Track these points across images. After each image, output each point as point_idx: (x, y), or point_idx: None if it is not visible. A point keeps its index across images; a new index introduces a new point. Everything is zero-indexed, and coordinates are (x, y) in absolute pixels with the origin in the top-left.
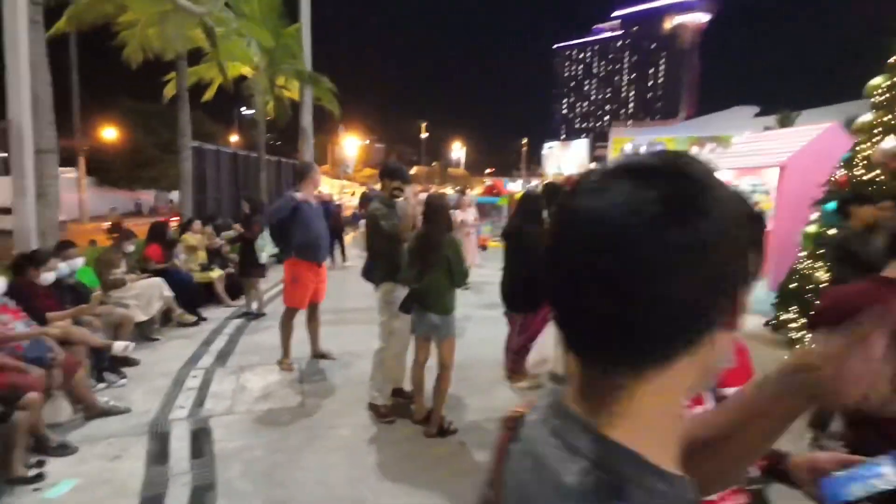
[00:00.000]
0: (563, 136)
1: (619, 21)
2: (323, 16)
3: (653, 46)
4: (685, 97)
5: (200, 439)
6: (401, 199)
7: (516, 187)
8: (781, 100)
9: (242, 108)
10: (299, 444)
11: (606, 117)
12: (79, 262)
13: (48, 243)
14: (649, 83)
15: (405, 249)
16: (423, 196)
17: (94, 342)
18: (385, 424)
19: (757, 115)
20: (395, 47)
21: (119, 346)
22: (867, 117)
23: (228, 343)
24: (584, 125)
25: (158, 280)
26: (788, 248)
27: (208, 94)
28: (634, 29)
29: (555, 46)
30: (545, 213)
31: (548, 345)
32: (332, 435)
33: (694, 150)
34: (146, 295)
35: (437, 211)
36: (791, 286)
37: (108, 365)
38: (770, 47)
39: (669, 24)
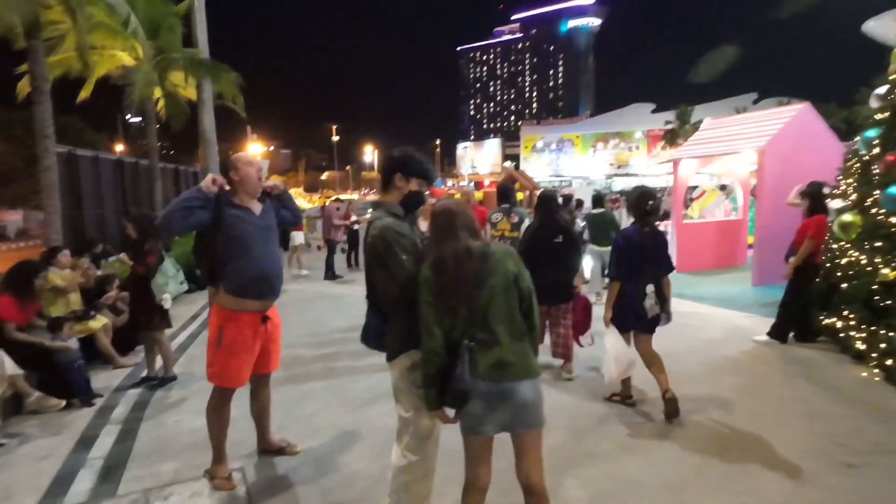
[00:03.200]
0: (473, 137)
1: (519, 24)
2: (216, 10)
3: (551, 48)
4: (584, 97)
5: None
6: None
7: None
8: (673, 96)
9: (129, 116)
10: None
11: (512, 117)
12: None
13: None
14: (550, 84)
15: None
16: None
17: None
18: None
19: (653, 111)
20: (297, 49)
21: None
22: None
23: (121, 439)
24: (491, 125)
25: None
26: (773, 239)
27: (84, 93)
28: (533, 32)
29: (459, 49)
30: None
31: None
32: None
33: (599, 146)
34: None
35: (452, 219)
36: (842, 285)
37: None
38: (659, 49)
39: (564, 27)
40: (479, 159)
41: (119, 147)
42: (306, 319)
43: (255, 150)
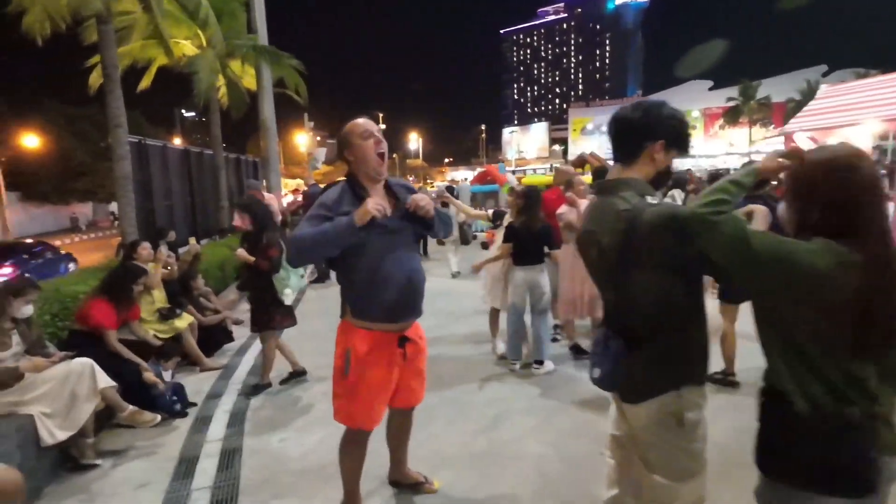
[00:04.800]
0: (516, 122)
1: (563, 3)
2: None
3: (597, 27)
4: (632, 77)
5: None
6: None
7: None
8: (732, 73)
9: (183, 110)
10: None
11: (557, 100)
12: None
13: None
14: (596, 64)
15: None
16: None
17: None
18: None
19: (711, 88)
20: (337, 38)
21: None
22: None
23: (224, 464)
24: (535, 109)
25: (82, 363)
26: None
27: (145, 82)
28: (578, 11)
29: (501, 31)
30: None
31: None
32: None
33: None
34: (63, 394)
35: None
36: None
37: None
38: (713, 24)
39: (611, 4)
40: (526, 144)
41: (176, 140)
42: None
43: (302, 139)
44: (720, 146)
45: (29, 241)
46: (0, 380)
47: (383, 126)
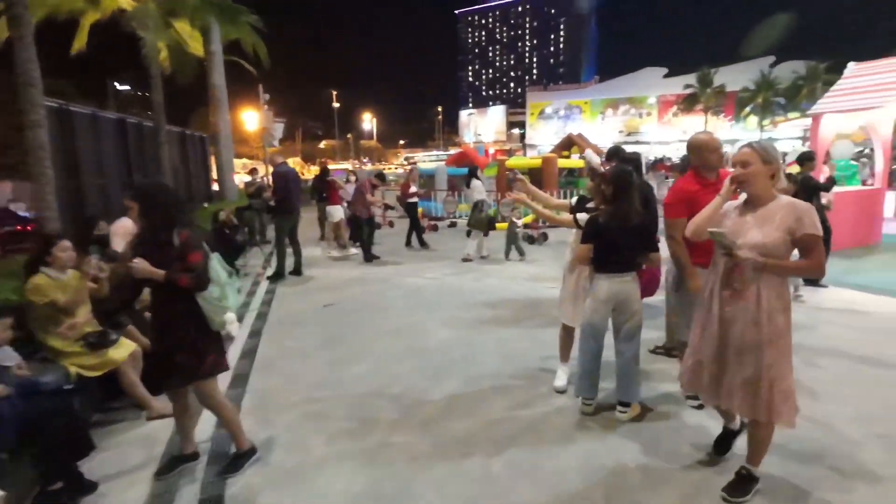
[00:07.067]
0: (471, 104)
1: None
2: None
3: (552, 11)
4: (586, 62)
5: None
6: None
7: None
8: (684, 60)
9: (117, 83)
10: None
11: (512, 84)
12: None
13: None
14: (551, 49)
15: None
16: None
17: None
18: None
19: (665, 76)
20: (286, 14)
21: None
22: None
23: None
24: (490, 92)
25: None
26: None
27: (78, 43)
28: None
29: (457, 12)
30: None
31: None
32: None
33: (608, 112)
34: None
35: None
36: None
37: None
38: (667, 11)
39: None
40: (483, 126)
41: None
42: (387, 327)
43: (250, 116)
44: (673, 133)
45: None
46: None
47: (337, 105)
